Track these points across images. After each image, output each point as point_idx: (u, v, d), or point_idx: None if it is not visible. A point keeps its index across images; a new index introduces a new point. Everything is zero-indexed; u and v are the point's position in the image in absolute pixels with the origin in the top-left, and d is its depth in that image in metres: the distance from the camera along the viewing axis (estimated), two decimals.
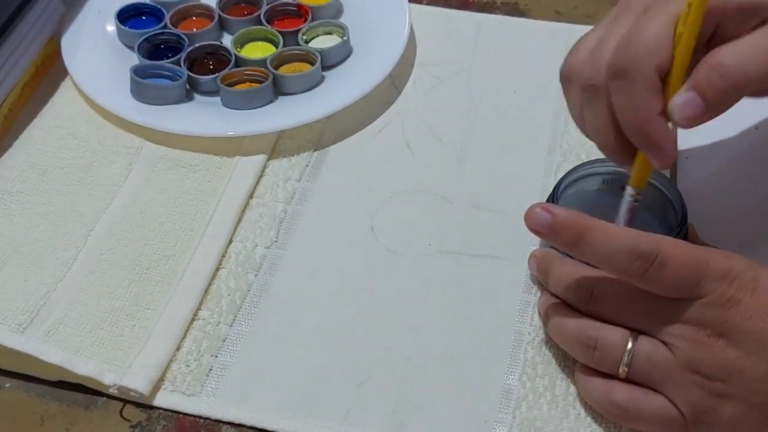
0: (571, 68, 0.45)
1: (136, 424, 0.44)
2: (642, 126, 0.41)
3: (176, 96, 0.58)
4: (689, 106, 0.40)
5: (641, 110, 0.41)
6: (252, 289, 0.49)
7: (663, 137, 0.41)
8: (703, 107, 0.40)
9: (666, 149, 0.41)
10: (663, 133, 0.41)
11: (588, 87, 0.43)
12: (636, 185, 0.44)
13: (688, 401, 0.39)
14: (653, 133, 0.41)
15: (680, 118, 0.40)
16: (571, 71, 0.45)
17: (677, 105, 0.40)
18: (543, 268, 0.46)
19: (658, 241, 0.39)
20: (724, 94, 0.39)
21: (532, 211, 0.41)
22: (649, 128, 0.41)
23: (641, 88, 0.40)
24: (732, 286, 0.38)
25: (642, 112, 0.41)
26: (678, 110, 0.40)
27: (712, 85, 0.39)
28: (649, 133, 0.41)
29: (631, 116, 0.41)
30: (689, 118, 0.40)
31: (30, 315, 0.46)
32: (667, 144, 0.41)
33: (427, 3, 0.67)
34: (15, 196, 0.52)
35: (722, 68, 0.39)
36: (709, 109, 0.40)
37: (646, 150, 0.42)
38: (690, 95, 0.39)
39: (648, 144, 0.41)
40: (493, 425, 0.43)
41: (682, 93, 0.40)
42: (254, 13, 0.63)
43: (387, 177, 0.55)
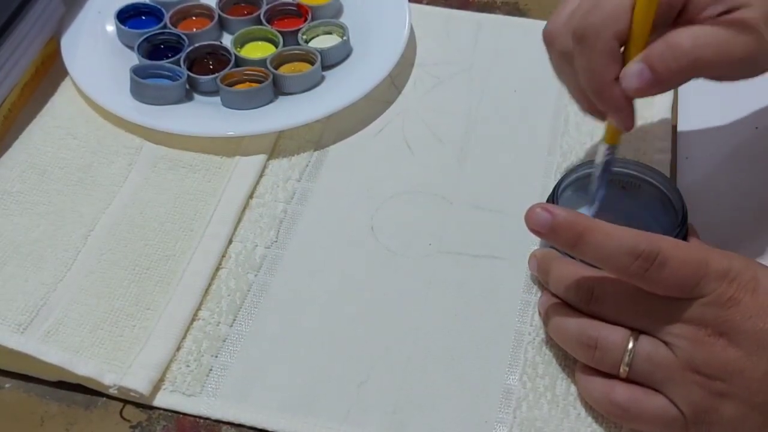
0: (550, 33, 0.47)
1: (136, 425, 0.44)
2: (598, 89, 0.43)
3: (176, 96, 0.58)
4: (639, 77, 0.41)
5: (597, 74, 0.43)
6: (252, 289, 0.49)
7: (619, 101, 0.43)
8: (652, 80, 0.41)
9: (623, 112, 0.43)
10: (619, 97, 0.43)
11: (562, 53, 0.46)
12: (609, 141, 0.46)
13: (688, 401, 0.39)
14: (609, 97, 0.43)
15: (628, 87, 0.42)
16: (550, 36, 0.47)
17: (628, 74, 0.42)
18: (543, 268, 0.46)
19: (658, 241, 0.39)
20: (674, 73, 0.41)
21: (532, 212, 0.41)
22: (606, 92, 0.43)
23: (598, 54, 0.42)
24: (732, 286, 0.38)
25: (598, 77, 0.43)
26: (628, 79, 0.42)
27: (664, 62, 0.41)
28: (605, 97, 0.43)
29: (589, 80, 0.43)
30: (637, 89, 0.42)
31: (30, 315, 0.46)
32: (624, 107, 0.43)
33: (427, 3, 0.67)
34: (15, 197, 0.52)
35: (677, 48, 0.41)
36: (657, 83, 0.42)
37: (606, 111, 0.44)
38: (641, 67, 0.41)
39: (606, 106, 0.44)
40: (494, 425, 0.43)
41: (634, 63, 0.42)
42: (254, 13, 0.63)
43: (387, 177, 0.55)
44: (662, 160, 0.54)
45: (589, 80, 0.43)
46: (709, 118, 0.57)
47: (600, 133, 0.56)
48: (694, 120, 0.57)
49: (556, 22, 0.46)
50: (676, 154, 0.55)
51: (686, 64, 0.41)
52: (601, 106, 0.44)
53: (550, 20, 0.47)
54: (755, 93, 0.57)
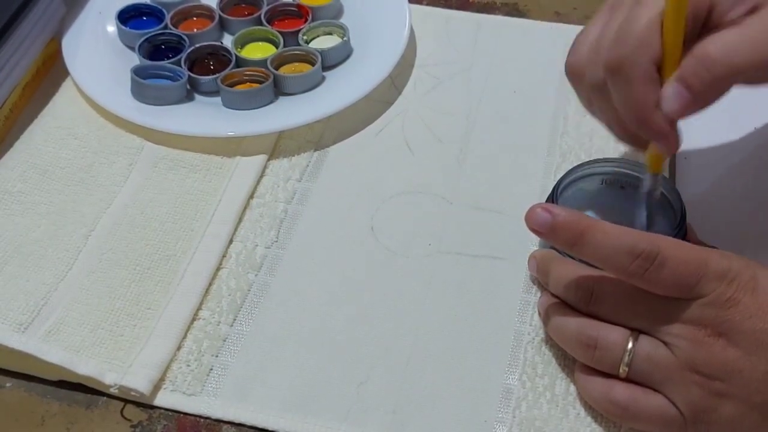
0: (575, 67, 0.46)
1: (137, 424, 0.44)
2: (642, 119, 0.42)
3: (177, 96, 0.58)
4: (676, 98, 0.40)
5: (638, 103, 0.41)
6: (252, 289, 0.49)
7: (664, 127, 0.42)
8: (689, 99, 0.40)
9: (668, 137, 0.42)
10: (660, 123, 0.42)
11: (594, 86, 0.44)
12: (653, 170, 0.46)
13: (687, 401, 0.39)
14: (653, 124, 0.42)
15: (669, 111, 0.41)
16: (575, 70, 0.46)
17: (666, 97, 0.41)
18: (543, 268, 0.46)
19: (657, 241, 0.39)
20: (710, 86, 0.40)
21: (532, 212, 0.41)
22: (649, 119, 0.42)
23: (636, 82, 0.41)
24: (731, 286, 0.38)
25: (639, 105, 0.41)
26: (666, 102, 0.41)
27: (698, 77, 0.40)
28: (649, 124, 0.42)
29: (630, 110, 0.42)
30: (677, 110, 0.41)
31: (31, 315, 0.46)
32: (669, 132, 0.42)
33: (427, 3, 0.67)
34: (16, 197, 0.52)
35: (708, 60, 0.40)
36: (696, 100, 0.40)
37: (650, 139, 0.43)
38: (677, 87, 0.40)
39: (651, 134, 0.42)
40: (493, 425, 0.43)
41: (669, 85, 0.41)
42: (255, 14, 0.63)
43: (387, 177, 0.55)
44: None
45: (631, 111, 0.42)
46: (709, 119, 0.56)
47: (600, 132, 0.56)
48: (694, 120, 0.57)
49: (580, 55, 0.45)
50: (675, 154, 0.55)
51: (720, 74, 0.39)
52: (646, 135, 0.43)
53: (572, 52, 0.46)
54: (754, 94, 0.57)
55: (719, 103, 0.57)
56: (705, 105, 0.41)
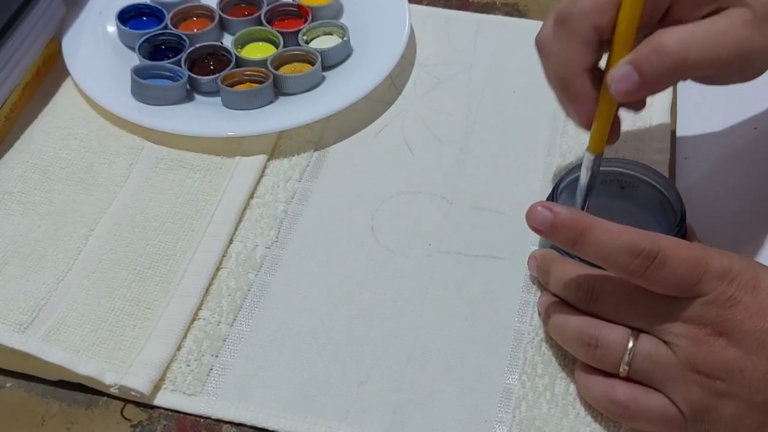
0: (542, 37, 0.46)
1: (137, 424, 0.44)
2: (565, 77, 0.42)
3: (177, 96, 0.58)
4: (625, 80, 0.41)
5: (569, 62, 0.42)
6: (252, 289, 0.49)
7: (583, 94, 0.42)
8: (638, 84, 0.41)
9: (583, 107, 0.43)
10: (584, 90, 0.42)
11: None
12: (593, 150, 0.45)
13: (688, 400, 0.39)
14: (573, 87, 0.42)
15: (615, 91, 0.41)
16: (542, 41, 0.46)
17: (614, 77, 0.41)
18: (543, 268, 0.46)
19: (658, 240, 0.39)
20: (661, 75, 0.40)
21: (533, 210, 0.41)
22: (572, 81, 0.42)
23: (575, 39, 0.42)
24: (732, 286, 0.38)
25: (569, 64, 0.42)
26: (614, 82, 0.41)
27: (650, 65, 0.40)
28: (569, 86, 0.42)
29: (560, 66, 0.43)
30: (624, 92, 0.41)
31: (31, 315, 0.46)
32: (586, 102, 0.42)
33: (427, 3, 0.67)
34: (16, 197, 0.52)
35: (663, 49, 0.40)
36: (644, 86, 0.41)
37: (565, 103, 0.43)
38: (628, 70, 0.41)
39: (567, 96, 0.43)
40: (493, 425, 0.43)
41: (620, 66, 0.41)
42: (255, 14, 0.63)
43: (387, 177, 0.55)
44: (661, 161, 0.54)
45: (560, 66, 0.43)
46: (708, 119, 0.57)
47: None
48: (693, 120, 0.57)
49: (546, 27, 0.46)
50: (675, 154, 0.55)
51: (672, 66, 0.40)
52: (562, 95, 0.43)
53: (542, 27, 0.46)
54: (754, 94, 0.57)
55: (720, 103, 0.58)
56: (651, 93, 0.42)
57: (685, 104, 0.58)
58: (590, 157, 0.45)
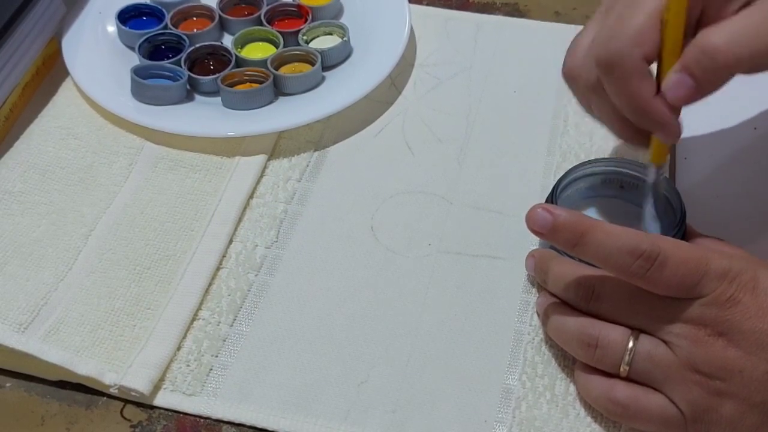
0: (572, 70, 0.46)
1: (137, 424, 0.44)
2: (640, 109, 0.42)
3: (177, 96, 0.58)
4: (680, 86, 0.41)
5: (635, 95, 0.42)
6: (252, 289, 0.49)
7: (664, 115, 0.42)
8: (693, 87, 0.41)
9: (670, 125, 0.43)
10: (663, 111, 0.42)
11: (590, 87, 0.45)
12: (656, 162, 0.46)
13: (687, 400, 0.39)
14: (653, 114, 0.42)
15: (672, 99, 0.41)
16: (572, 72, 0.46)
17: (669, 86, 0.41)
18: (541, 267, 0.46)
19: (658, 241, 0.39)
20: (714, 74, 0.41)
21: (533, 212, 0.41)
22: (648, 110, 0.42)
23: (630, 77, 0.42)
24: (731, 286, 0.38)
25: (637, 97, 0.42)
26: (670, 91, 0.41)
27: (701, 66, 0.40)
28: (649, 114, 0.42)
29: (627, 103, 0.43)
30: (681, 98, 0.41)
31: (31, 315, 0.46)
32: (670, 120, 0.42)
33: (427, 3, 0.67)
34: (16, 197, 0.52)
35: (710, 49, 0.40)
36: (699, 88, 0.41)
37: (652, 129, 0.43)
38: (681, 76, 0.41)
39: (651, 124, 0.43)
40: (493, 425, 0.43)
41: (672, 74, 0.41)
42: (254, 14, 0.63)
43: (387, 177, 0.55)
44: None
45: (628, 104, 0.42)
46: (709, 120, 0.57)
47: (600, 132, 0.56)
48: (694, 121, 0.57)
49: (576, 57, 0.45)
50: (675, 154, 0.55)
51: (724, 63, 0.40)
52: (646, 126, 0.43)
53: (568, 56, 0.46)
54: (754, 94, 0.57)
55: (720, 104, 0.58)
56: (707, 93, 0.42)
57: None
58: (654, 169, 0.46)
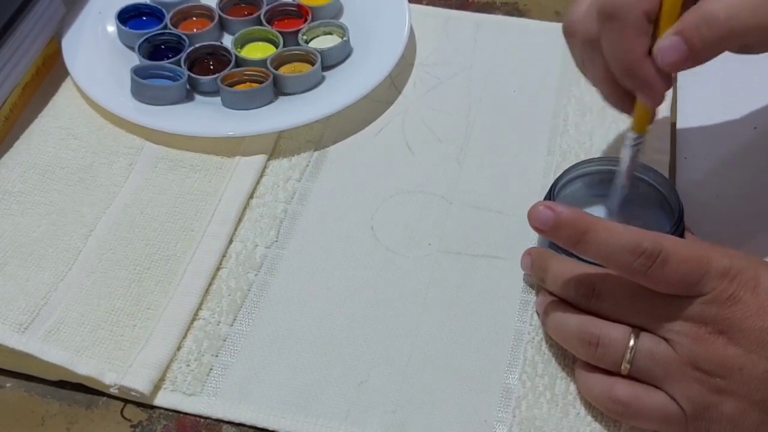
0: (572, 23, 0.46)
1: (137, 424, 0.44)
2: (629, 66, 0.42)
3: (177, 96, 0.58)
4: (673, 50, 0.40)
5: (629, 51, 0.42)
6: (252, 289, 0.49)
7: (651, 76, 0.42)
8: (686, 53, 0.40)
9: (655, 88, 0.42)
10: (651, 72, 0.42)
11: (586, 40, 0.45)
12: (637, 130, 0.45)
13: (688, 397, 0.39)
14: (640, 72, 0.42)
15: (662, 62, 0.41)
16: (573, 26, 0.46)
17: (662, 48, 0.41)
18: (540, 266, 0.46)
19: (660, 239, 0.39)
20: (710, 44, 0.40)
21: (535, 210, 0.41)
22: (636, 68, 0.42)
23: (628, 30, 0.41)
24: (732, 284, 0.38)
25: (629, 53, 0.42)
26: (662, 54, 0.41)
27: (698, 33, 0.40)
28: (636, 73, 0.42)
29: (620, 57, 0.42)
30: (672, 63, 0.41)
31: (31, 315, 0.46)
32: (656, 83, 0.42)
33: (427, 3, 0.67)
34: (16, 197, 0.52)
35: (711, 18, 0.40)
36: (692, 56, 0.40)
37: (636, 89, 0.43)
38: (675, 40, 0.40)
39: (636, 83, 0.43)
40: (493, 424, 0.43)
41: (667, 36, 0.41)
42: (254, 14, 0.63)
43: (387, 177, 0.55)
44: (661, 160, 0.54)
45: (620, 58, 0.42)
46: (708, 119, 0.57)
47: (600, 132, 0.56)
48: (693, 120, 0.57)
49: (578, 12, 0.45)
50: (675, 154, 0.55)
51: (722, 33, 0.40)
52: (632, 84, 0.43)
53: (570, 12, 0.46)
54: (754, 93, 0.58)
55: (719, 103, 0.58)
56: (699, 62, 0.41)
57: (685, 104, 0.58)
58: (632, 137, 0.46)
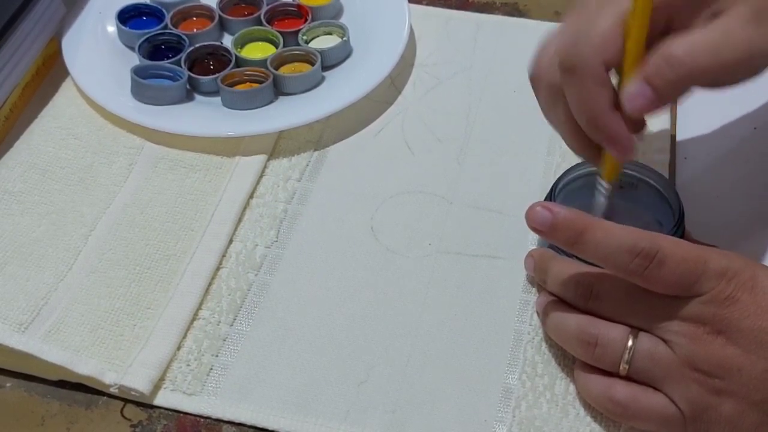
0: (537, 71, 0.46)
1: (137, 424, 0.44)
2: (593, 118, 0.42)
3: (177, 96, 0.58)
4: (639, 96, 0.41)
5: (591, 104, 0.42)
6: (252, 289, 0.49)
7: (616, 129, 0.42)
8: (652, 98, 0.40)
9: (621, 141, 0.42)
10: (615, 125, 0.42)
11: (551, 89, 0.45)
12: (607, 179, 0.45)
13: (687, 398, 0.39)
14: (605, 126, 0.42)
15: (631, 109, 0.41)
16: (537, 74, 0.46)
17: (628, 95, 0.41)
18: (541, 266, 0.46)
19: (657, 239, 0.39)
20: (673, 85, 0.40)
21: (532, 210, 0.41)
22: (600, 120, 0.42)
23: (589, 83, 0.41)
24: (730, 285, 0.39)
25: (592, 106, 0.42)
26: (629, 100, 0.41)
27: (661, 76, 0.40)
28: (601, 126, 0.42)
29: (582, 110, 0.42)
30: (639, 108, 0.41)
31: (31, 314, 0.46)
32: (622, 136, 0.42)
33: (427, 3, 0.67)
34: (16, 197, 0.52)
35: (672, 59, 0.40)
36: (658, 99, 0.41)
37: (602, 142, 0.43)
38: (640, 86, 0.40)
39: (602, 137, 0.42)
40: (493, 424, 0.43)
41: (632, 83, 0.41)
42: (254, 14, 0.63)
43: (387, 177, 0.55)
44: (661, 160, 0.54)
45: (583, 111, 0.42)
46: (708, 119, 0.57)
47: None
48: (693, 120, 0.57)
49: (542, 60, 0.45)
50: (675, 154, 0.55)
51: (683, 74, 0.40)
52: (597, 137, 0.43)
53: (535, 60, 0.46)
54: (754, 93, 0.57)
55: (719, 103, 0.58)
56: (665, 104, 0.41)
57: (685, 104, 0.58)
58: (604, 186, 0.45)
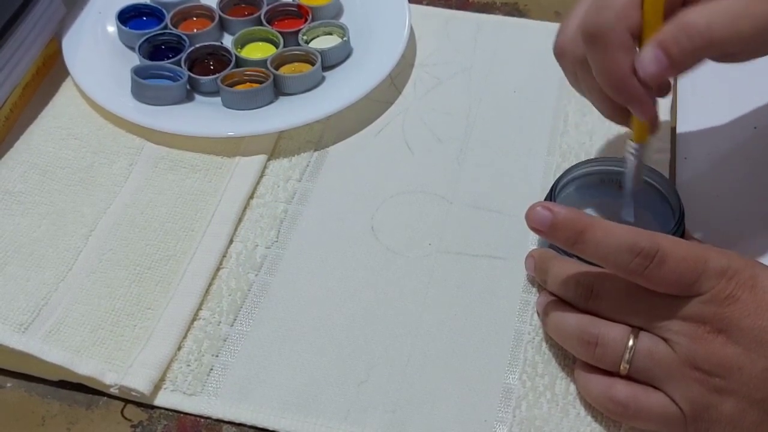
0: (561, 45, 0.47)
1: (137, 424, 0.44)
2: (617, 84, 0.43)
3: (177, 96, 0.58)
4: (654, 62, 0.41)
5: (614, 69, 0.42)
6: (252, 289, 0.49)
7: (639, 92, 0.43)
8: (667, 65, 0.41)
9: (645, 102, 0.43)
10: (638, 87, 0.42)
11: (576, 61, 0.46)
12: (637, 140, 0.46)
13: (688, 398, 0.39)
14: (628, 89, 0.43)
15: (644, 75, 0.42)
16: (562, 48, 0.47)
17: (643, 60, 0.41)
18: (541, 266, 0.46)
19: (657, 239, 0.39)
20: (689, 54, 0.41)
21: (532, 210, 0.41)
22: (624, 84, 0.43)
23: (613, 49, 0.42)
24: (730, 284, 0.39)
25: (615, 71, 0.42)
26: (643, 66, 0.42)
27: (678, 44, 0.40)
28: (624, 89, 0.43)
29: (607, 76, 0.43)
30: (653, 75, 0.42)
31: (31, 315, 0.46)
32: (645, 97, 0.43)
33: (427, 3, 0.67)
34: (16, 197, 0.52)
35: (689, 28, 0.40)
36: (673, 66, 0.41)
37: (627, 105, 0.44)
38: (656, 52, 0.41)
39: (626, 99, 0.43)
40: (493, 424, 0.43)
41: (648, 49, 0.41)
42: (255, 14, 0.63)
43: (387, 177, 0.55)
44: (661, 160, 0.54)
45: (607, 77, 0.43)
46: (708, 119, 0.57)
47: (600, 132, 0.56)
48: (693, 120, 0.57)
49: (566, 34, 0.46)
50: (675, 154, 0.55)
51: (700, 44, 0.40)
52: (622, 100, 0.44)
53: (558, 34, 0.47)
54: (754, 93, 0.58)
55: (719, 103, 0.58)
56: (679, 72, 0.42)
57: (685, 104, 0.58)
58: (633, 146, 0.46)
